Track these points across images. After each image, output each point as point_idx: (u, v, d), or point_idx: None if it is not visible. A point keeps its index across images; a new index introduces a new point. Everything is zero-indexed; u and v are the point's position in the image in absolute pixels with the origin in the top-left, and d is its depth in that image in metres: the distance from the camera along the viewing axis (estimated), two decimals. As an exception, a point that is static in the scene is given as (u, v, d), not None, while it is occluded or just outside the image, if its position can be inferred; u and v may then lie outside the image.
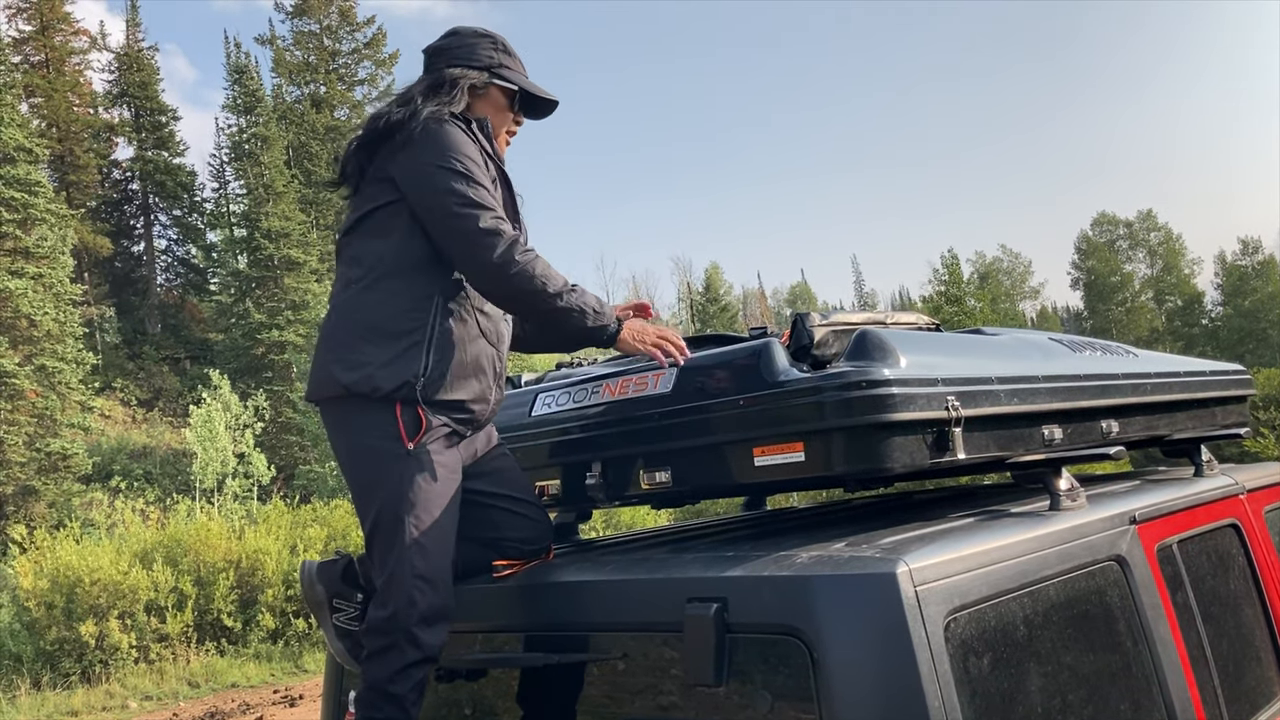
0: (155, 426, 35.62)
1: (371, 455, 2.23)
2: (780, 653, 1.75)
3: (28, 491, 26.35)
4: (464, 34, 2.53)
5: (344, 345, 2.26)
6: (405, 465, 2.19)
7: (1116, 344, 3.30)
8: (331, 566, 2.46)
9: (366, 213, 2.35)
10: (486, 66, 2.48)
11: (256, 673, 14.18)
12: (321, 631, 2.43)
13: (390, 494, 2.19)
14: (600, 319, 2.31)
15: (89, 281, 39.76)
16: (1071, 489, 2.28)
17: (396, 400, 2.20)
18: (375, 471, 2.22)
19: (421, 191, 2.26)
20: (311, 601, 2.44)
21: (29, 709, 12.49)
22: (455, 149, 2.27)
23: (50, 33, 43.50)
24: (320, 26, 47.84)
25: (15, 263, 28.05)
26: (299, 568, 2.49)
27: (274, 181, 38.49)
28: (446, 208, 2.23)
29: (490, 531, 2.38)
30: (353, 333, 2.27)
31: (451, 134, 2.29)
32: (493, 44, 2.52)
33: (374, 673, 2.15)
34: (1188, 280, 72.18)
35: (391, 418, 2.20)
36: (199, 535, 15.54)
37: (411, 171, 2.27)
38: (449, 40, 2.53)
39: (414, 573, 2.15)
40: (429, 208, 2.26)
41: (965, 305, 30.77)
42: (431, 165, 2.25)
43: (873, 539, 1.93)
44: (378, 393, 2.20)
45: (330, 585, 2.43)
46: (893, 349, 2.09)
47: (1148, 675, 2.18)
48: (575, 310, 2.28)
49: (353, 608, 2.41)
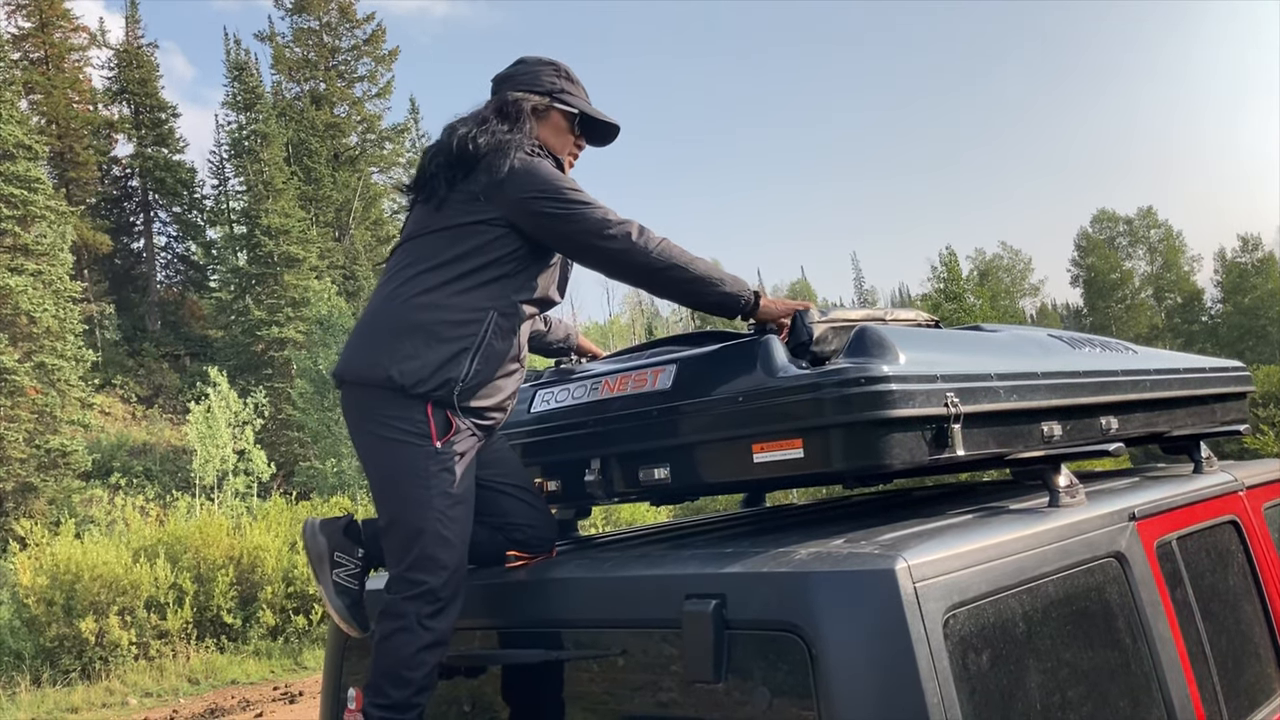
0: (155, 423, 35.63)
1: (396, 449, 2.28)
2: (779, 649, 1.75)
3: (27, 488, 26.36)
4: (529, 62, 2.65)
5: (396, 336, 2.32)
6: (431, 461, 2.26)
7: (1116, 341, 3.30)
8: (334, 521, 2.52)
9: (446, 225, 2.41)
10: (548, 91, 2.59)
11: (256, 669, 14.19)
12: (322, 627, 2.44)
13: (413, 489, 2.25)
14: (737, 288, 2.38)
15: (89, 278, 39.74)
16: (1071, 486, 2.28)
17: (430, 400, 2.28)
18: (399, 465, 2.28)
19: (540, 224, 2.36)
20: (313, 554, 2.48)
21: (29, 706, 12.49)
22: (553, 175, 2.40)
23: (49, 29, 43.45)
24: (320, 23, 47.82)
25: (15, 260, 28.05)
26: (302, 525, 2.53)
27: (274, 178, 38.50)
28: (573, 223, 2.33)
29: (499, 516, 2.43)
30: (407, 327, 2.33)
31: (540, 165, 2.42)
32: (555, 70, 2.63)
33: (388, 657, 2.19)
34: (1187, 277, 72.22)
35: (423, 415, 2.27)
36: (199, 532, 15.55)
37: (521, 208, 2.36)
38: (515, 68, 2.65)
39: (434, 564, 2.21)
40: (553, 233, 2.37)
41: (964, 302, 30.78)
42: (538, 195, 2.35)
43: (872, 535, 1.93)
44: (417, 389, 2.27)
45: (333, 538, 2.47)
46: (892, 345, 2.08)
47: (1147, 672, 2.18)
48: (708, 280, 2.37)
49: (353, 563, 2.46)
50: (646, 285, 2.43)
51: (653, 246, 2.33)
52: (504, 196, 2.37)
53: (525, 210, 2.36)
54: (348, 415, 2.41)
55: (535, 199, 2.35)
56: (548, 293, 2.51)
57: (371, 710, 2.19)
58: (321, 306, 32.71)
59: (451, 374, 2.29)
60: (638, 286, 2.47)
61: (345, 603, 2.41)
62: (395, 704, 2.17)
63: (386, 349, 2.31)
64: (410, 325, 2.33)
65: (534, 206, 2.35)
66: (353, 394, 2.38)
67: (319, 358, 28.55)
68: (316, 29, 47.83)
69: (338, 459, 25.36)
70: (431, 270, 2.38)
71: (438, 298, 2.35)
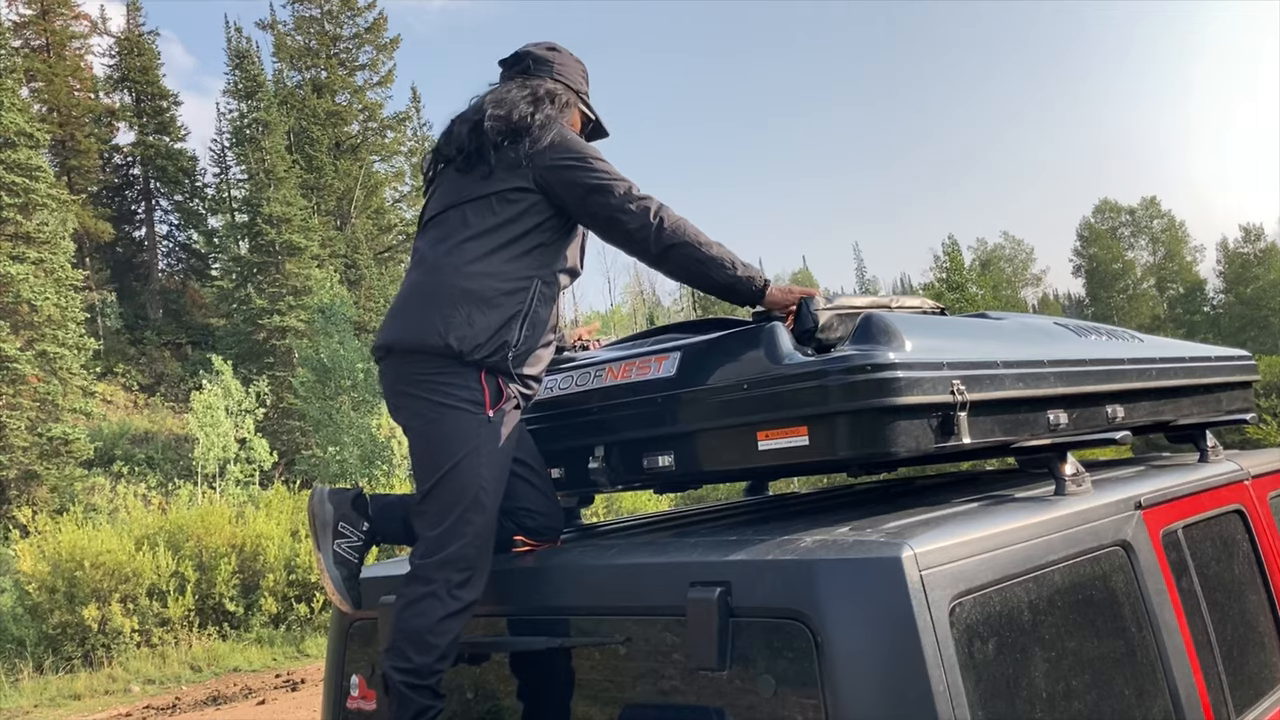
0: (157, 412, 35.65)
1: (454, 414, 2.31)
2: (784, 637, 1.74)
3: (30, 476, 26.38)
4: (565, 54, 2.73)
5: (449, 304, 2.34)
6: (483, 429, 2.29)
7: (1122, 329, 3.28)
8: (343, 492, 2.52)
9: (488, 192, 2.45)
10: (579, 90, 2.70)
11: (258, 657, 14.23)
12: (325, 614, 2.43)
13: (464, 453, 2.27)
14: (749, 274, 2.42)
15: (90, 267, 39.69)
16: (1077, 474, 2.27)
17: (484, 368, 2.32)
18: (450, 430, 2.30)
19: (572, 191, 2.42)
20: (318, 521, 2.47)
21: (32, 693, 12.53)
22: (588, 149, 2.48)
23: (51, 17, 43.34)
24: (321, 11, 47.68)
25: (16, 248, 28.01)
26: (310, 491, 2.55)
27: (275, 167, 38.39)
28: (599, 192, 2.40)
29: (510, 500, 2.41)
30: (460, 295, 2.35)
31: (577, 139, 2.52)
32: (583, 72, 2.75)
33: (413, 621, 2.19)
34: (1190, 267, 72.13)
35: (477, 383, 2.31)
36: (201, 520, 15.56)
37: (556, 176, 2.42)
38: (551, 55, 2.71)
39: (473, 530, 2.24)
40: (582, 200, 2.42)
41: (967, 292, 30.76)
42: (572, 164, 2.42)
43: (877, 523, 1.92)
44: (474, 355, 2.30)
45: (340, 508, 2.47)
46: (898, 333, 2.07)
47: (1152, 660, 2.17)
48: (720, 262, 2.40)
49: (357, 535, 2.46)
50: (659, 262, 2.45)
51: (669, 224, 2.38)
52: (542, 161, 2.42)
53: (557, 175, 2.42)
54: (395, 385, 2.42)
55: (568, 165, 2.42)
56: (576, 263, 2.57)
57: (393, 674, 2.18)
58: (323, 295, 32.70)
59: (506, 339, 2.33)
60: (649, 263, 2.48)
61: (342, 574, 2.41)
62: (418, 669, 2.17)
63: (441, 317, 2.33)
64: (462, 293, 2.34)
65: (566, 174, 2.41)
66: (402, 363, 2.40)
67: (320, 346, 28.54)
68: (318, 17, 47.69)
69: (339, 447, 25.34)
70: (477, 238, 2.41)
71: (487, 265, 2.38)
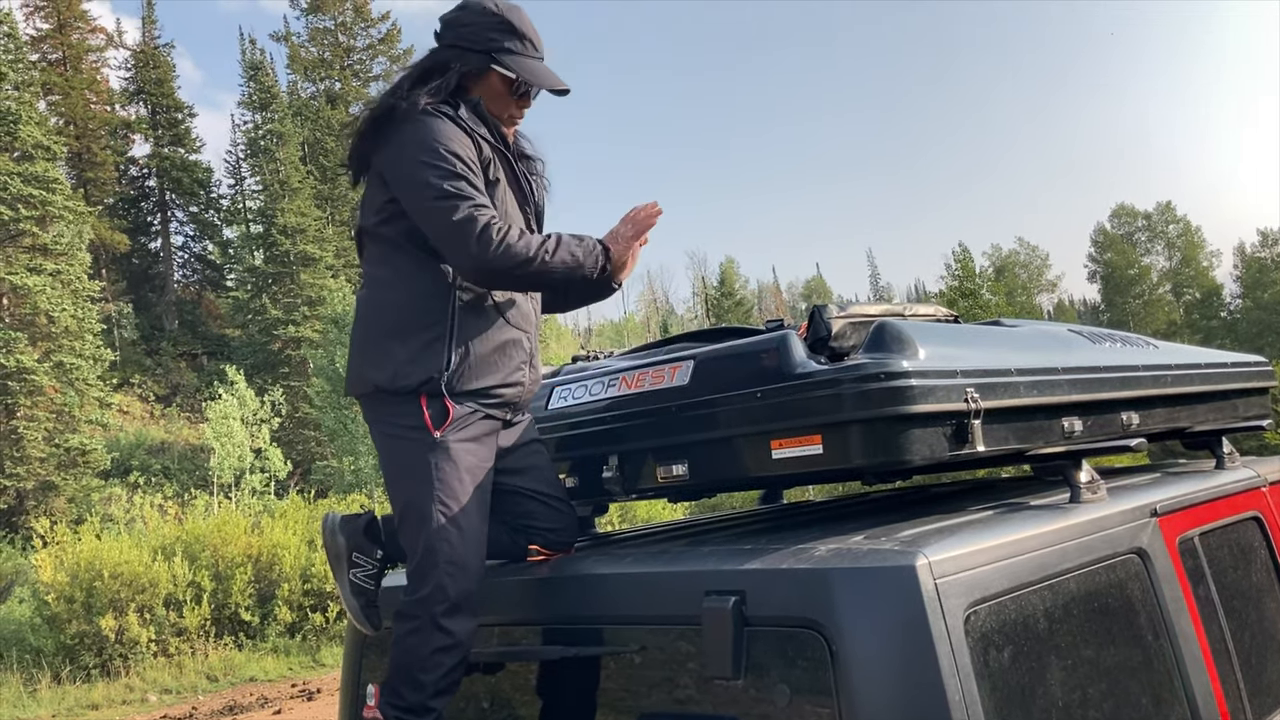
0: (173, 422, 35.82)
1: (400, 446, 2.27)
2: (799, 646, 1.74)
3: (47, 487, 26.54)
4: (472, 9, 2.42)
5: (371, 343, 2.31)
6: (433, 454, 2.22)
7: (1137, 336, 3.27)
8: (355, 520, 2.49)
9: (378, 207, 2.34)
10: (486, 50, 2.38)
11: (274, 667, 14.25)
12: (340, 624, 2.43)
13: (418, 482, 2.21)
14: (591, 258, 2.29)
15: (106, 278, 39.96)
16: (1092, 481, 2.26)
17: (421, 394, 2.24)
18: (404, 461, 2.26)
19: (403, 189, 2.27)
20: (331, 552, 2.46)
21: (50, 702, 12.59)
22: (434, 141, 2.23)
23: (67, 30, 43.74)
24: (335, 23, 47.98)
25: (34, 259, 28.22)
26: (321, 519, 2.53)
27: (290, 177, 38.64)
28: (424, 202, 2.22)
29: (523, 518, 2.40)
30: (378, 331, 2.31)
31: (431, 126, 2.25)
32: (499, 24, 2.40)
33: (401, 658, 2.17)
34: (1206, 273, 71.76)
35: (417, 409, 2.23)
36: (217, 530, 15.62)
37: (393, 167, 2.28)
38: (457, 14, 2.45)
39: (444, 558, 2.16)
40: (410, 203, 2.26)
41: (980, 299, 30.65)
42: (411, 160, 2.24)
43: (892, 532, 1.92)
44: (404, 389, 2.24)
45: (352, 538, 2.45)
46: (911, 340, 2.07)
47: (1169, 668, 2.16)
48: (562, 265, 2.25)
49: (371, 564, 2.44)
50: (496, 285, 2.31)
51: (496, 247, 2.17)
52: (385, 159, 2.28)
53: (395, 170, 2.26)
54: (368, 425, 2.41)
55: (407, 160, 2.23)
56: None
57: (387, 709, 2.17)
58: (337, 305, 32.77)
59: (433, 366, 2.24)
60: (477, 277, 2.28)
61: (360, 603, 2.40)
62: (410, 706, 2.14)
63: (366, 358, 2.31)
64: (383, 327, 2.30)
65: (403, 166, 2.24)
66: (362, 406, 2.40)
67: (335, 356, 28.62)
68: (332, 29, 47.99)
69: (354, 457, 25.43)
70: (383, 264, 2.34)
71: (397, 293, 2.30)
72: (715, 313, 59.99)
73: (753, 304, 70.28)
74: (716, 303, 61.44)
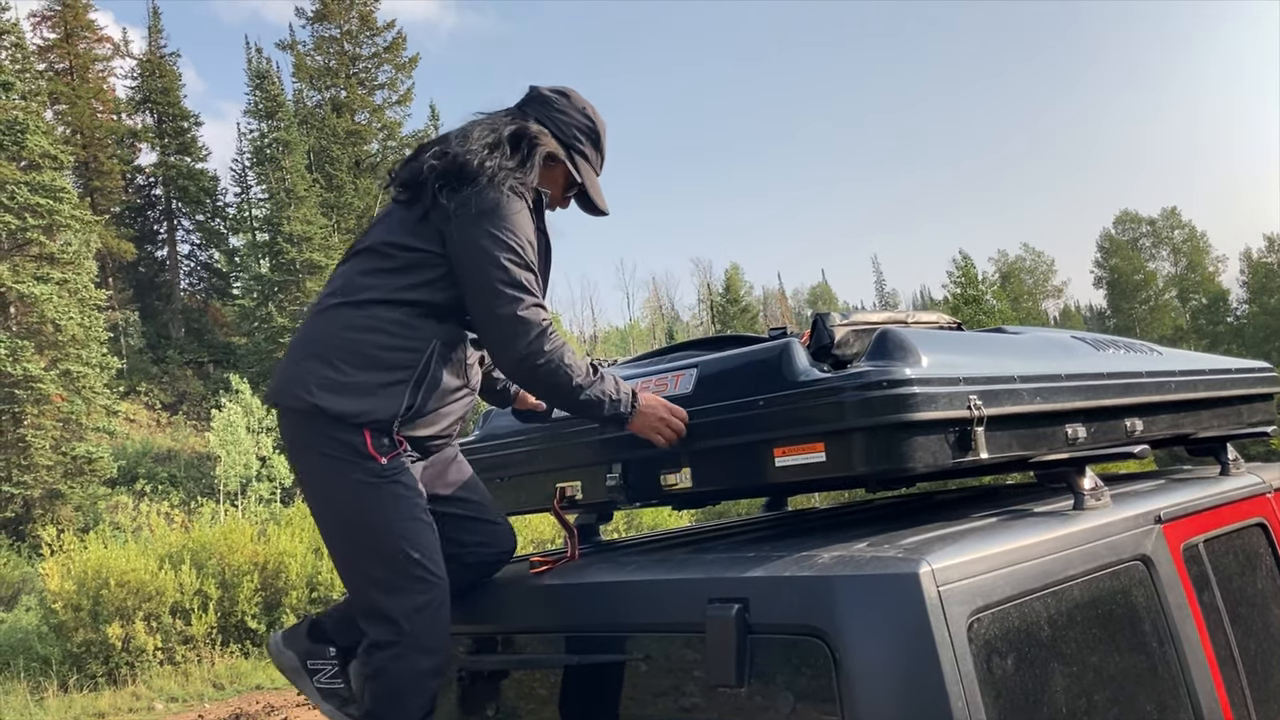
0: (179, 430, 35.86)
1: (338, 469, 2.15)
2: (802, 653, 1.74)
3: (54, 495, 26.59)
4: (573, 99, 2.47)
5: (330, 360, 2.17)
6: (380, 478, 2.13)
7: (1140, 342, 3.27)
8: (296, 630, 2.45)
9: (401, 245, 2.26)
10: (568, 145, 2.42)
11: (280, 675, 14.24)
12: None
13: (367, 508, 2.12)
14: (617, 408, 2.23)
15: (113, 286, 40.05)
16: (1095, 488, 2.26)
17: (366, 428, 2.13)
18: (344, 486, 2.15)
19: (467, 257, 2.19)
20: (289, 670, 2.40)
21: (57, 711, 12.60)
22: (514, 224, 2.19)
23: (74, 40, 43.86)
24: (340, 31, 48.04)
25: (41, 268, 28.29)
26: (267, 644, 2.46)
27: (295, 186, 38.69)
28: (489, 281, 2.16)
29: (448, 545, 2.26)
30: (343, 351, 2.18)
31: (514, 206, 2.21)
32: (590, 130, 2.46)
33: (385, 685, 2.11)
34: (1212, 278, 71.57)
35: (361, 440, 2.13)
36: (223, 538, 15.64)
37: (465, 232, 2.19)
38: (557, 98, 2.46)
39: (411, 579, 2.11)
40: (471, 275, 2.19)
41: (984, 305, 30.63)
42: (487, 234, 2.17)
43: (895, 539, 1.92)
44: (355, 420, 2.13)
45: (300, 648, 2.39)
46: (914, 348, 2.07)
47: (1174, 676, 2.16)
48: (595, 401, 2.23)
49: (329, 665, 2.37)
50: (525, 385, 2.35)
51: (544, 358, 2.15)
52: (457, 218, 2.18)
53: (466, 235, 2.18)
54: (286, 440, 2.26)
55: (483, 231, 2.16)
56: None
57: None
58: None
59: (391, 408, 2.15)
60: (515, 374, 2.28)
61: (336, 704, 2.32)
62: None
63: (320, 376, 2.16)
64: (350, 350, 2.17)
65: (477, 237, 2.16)
66: (290, 420, 2.23)
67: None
68: (337, 37, 48.06)
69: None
70: (377, 290, 2.22)
71: (380, 323, 2.19)
72: (720, 319, 59.94)
73: (758, 310, 70.28)
74: (722, 309, 61.42)
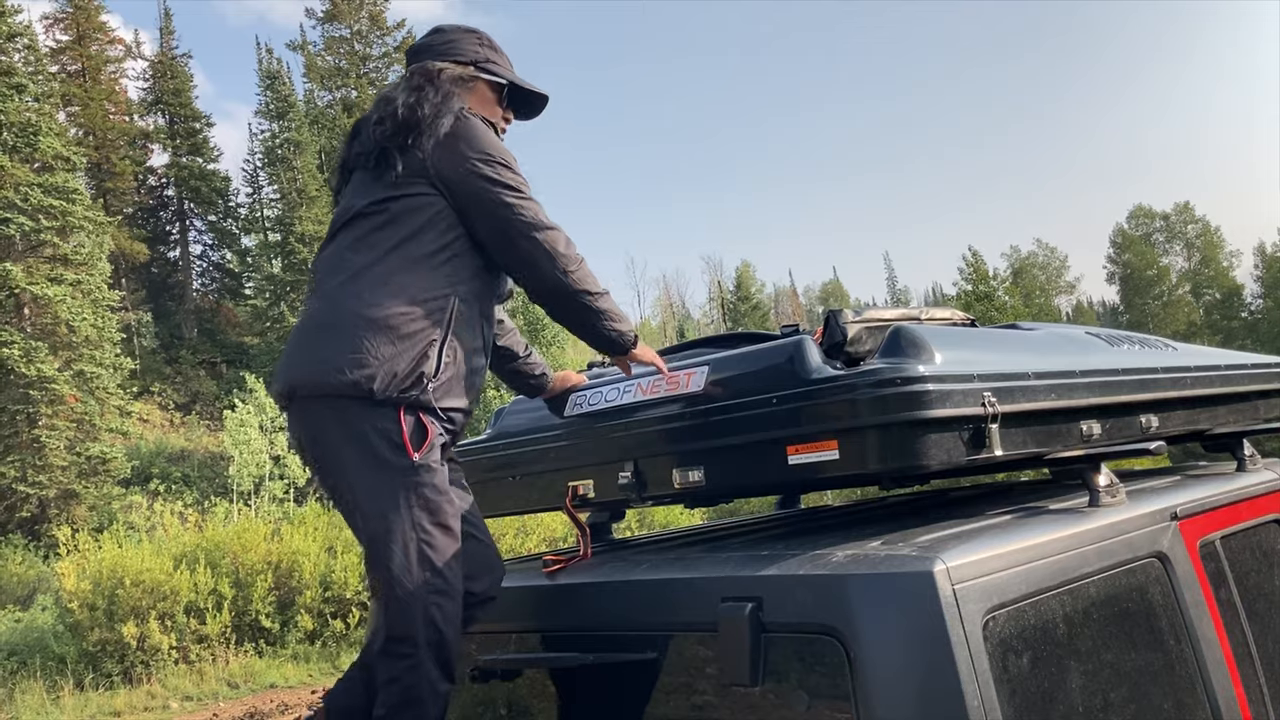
0: (192, 430, 36.01)
1: (373, 461, 2.08)
2: (816, 652, 1.74)
3: (69, 495, 26.74)
4: (447, 30, 2.47)
5: (352, 336, 2.10)
6: (411, 476, 2.07)
7: (1155, 338, 3.25)
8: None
9: (384, 199, 2.22)
10: (472, 61, 2.42)
11: (295, 673, 14.31)
12: (360, 631, 2.36)
13: (396, 507, 2.06)
14: (626, 324, 2.34)
15: (126, 287, 40.25)
16: (1111, 485, 2.24)
17: (401, 405, 2.08)
18: (376, 480, 2.08)
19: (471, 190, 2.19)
20: None
21: (72, 709, 12.67)
22: (494, 144, 2.24)
23: (86, 42, 44.05)
24: (351, 31, 48.19)
25: (54, 269, 28.45)
26: None
27: (307, 186, 38.84)
28: (503, 208, 2.18)
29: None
30: (361, 326, 2.11)
31: (480, 129, 2.25)
32: (477, 39, 2.46)
33: (399, 695, 2.05)
34: (1226, 273, 71.21)
35: (395, 425, 2.07)
36: (237, 537, 15.71)
37: (458, 168, 2.19)
38: (432, 38, 2.47)
39: (430, 589, 2.05)
40: (483, 205, 2.19)
41: (995, 301, 30.53)
42: (481, 159, 2.20)
43: (909, 537, 1.91)
44: (386, 393, 2.06)
45: None
46: (928, 345, 2.06)
47: (1191, 674, 2.14)
48: (609, 314, 2.30)
49: None
50: (552, 303, 2.28)
51: (574, 264, 2.21)
52: (446, 158, 2.18)
53: (462, 174, 2.18)
54: (302, 436, 2.18)
55: (476, 163, 2.18)
56: (502, 276, 2.36)
57: None
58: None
59: (422, 369, 2.09)
60: (539, 300, 2.28)
61: None
62: None
63: (342, 351, 2.08)
64: (366, 322, 2.10)
65: (470, 182, 2.18)
66: (306, 410, 2.15)
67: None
68: (348, 37, 48.20)
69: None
70: (381, 258, 2.17)
71: (392, 290, 2.13)
72: (732, 317, 59.95)
73: (769, 308, 70.24)
74: (733, 307, 61.44)
